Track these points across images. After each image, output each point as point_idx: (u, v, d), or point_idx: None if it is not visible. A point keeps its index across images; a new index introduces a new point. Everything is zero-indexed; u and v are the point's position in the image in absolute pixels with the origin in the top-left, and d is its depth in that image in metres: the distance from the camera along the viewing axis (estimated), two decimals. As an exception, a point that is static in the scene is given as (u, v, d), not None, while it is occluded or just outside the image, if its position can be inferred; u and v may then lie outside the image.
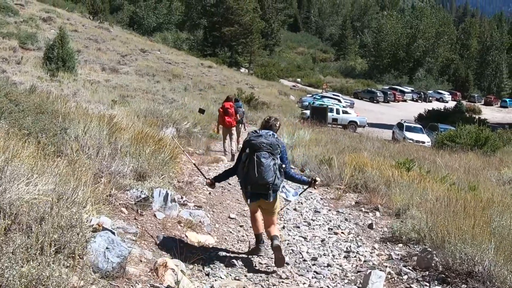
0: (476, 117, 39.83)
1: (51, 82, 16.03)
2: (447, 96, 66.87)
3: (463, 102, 57.33)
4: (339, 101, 39.63)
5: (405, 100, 60.31)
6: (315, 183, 5.03)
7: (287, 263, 4.89)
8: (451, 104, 55.28)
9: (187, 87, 27.59)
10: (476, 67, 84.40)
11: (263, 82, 47.53)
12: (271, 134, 4.83)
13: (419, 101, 62.26)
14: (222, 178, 5.27)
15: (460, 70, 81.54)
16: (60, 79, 17.00)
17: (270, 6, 74.58)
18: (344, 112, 32.57)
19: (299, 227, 6.35)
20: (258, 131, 4.89)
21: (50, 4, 43.05)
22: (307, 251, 5.42)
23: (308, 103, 36.00)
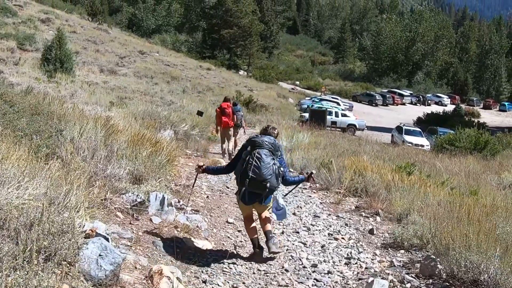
0: (475, 120, 39.74)
1: (49, 83, 15.90)
2: (446, 99, 66.94)
3: (462, 106, 57.36)
4: (338, 104, 39.55)
5: (404, 104, 60.28)
6: (312, 176, 5.21)
7: (283, 266, 4.80)
8: (450, 107, 55.37)
9: (186, 89, 27.49)
10: (475, 71, 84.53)
11: (262, 84, 47.43)
12: (272, 138, 5.01)
13: (418, 104, 62.23)
14: (212, 171, 5.52)
15: (459, 73, 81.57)
16: (57, 80, 16.87)
17: (269, 8, 74.54)
18: (343, 115, 32.48)
19: (298, 232, 6.21)
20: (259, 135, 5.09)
21: (49, 5, 42.98)
22: (307, 257, 5.28)
23: (307, 106, 35.86)
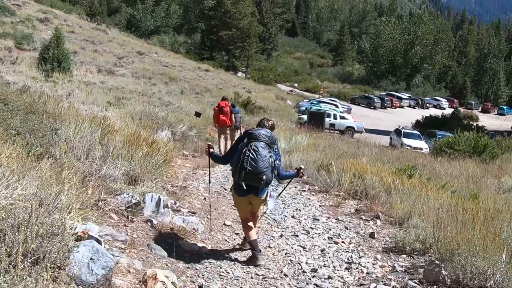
0: (474, 124, 39.69)
1: (46, 83, 15.72)
2: (445, 102, 66.91)
3: (461, 109, 57.31)
4: (337, 106, 39.44)
5: (402, 107, 60.22)
6: (301, 172, 5.13)
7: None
8: (449, 111, 55.26)
9: (184, 90, 27.31)
10: (474, 74, 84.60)
11: (260, 86, 47.30)
12: (269, 131, 4.97)
13: (417, 107, 62.20)
14: (213, 158, 5.30)
15: (458, 77, 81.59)
16: (54, 80, 16.68)
17: (268, 10, 74.47)
18: (342, 117, 32.40)
19: (297, 236, 6.07)
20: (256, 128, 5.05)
21: (48, 5, 42.76)
22: (307, 262, 5.14)
23: (305, 108, 35.70)
